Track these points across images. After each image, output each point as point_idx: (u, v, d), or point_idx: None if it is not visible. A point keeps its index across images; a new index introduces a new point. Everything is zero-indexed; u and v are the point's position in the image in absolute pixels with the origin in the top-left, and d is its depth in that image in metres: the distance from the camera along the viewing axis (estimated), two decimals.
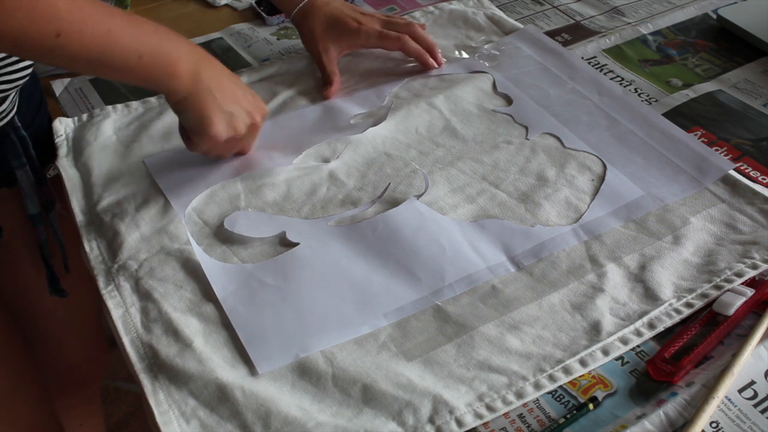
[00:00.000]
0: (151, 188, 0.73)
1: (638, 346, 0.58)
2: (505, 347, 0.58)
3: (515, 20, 0.98)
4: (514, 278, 0.63)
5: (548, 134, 0.78)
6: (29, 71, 0.75)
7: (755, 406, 0.53)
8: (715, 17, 0.96)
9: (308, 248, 0.66)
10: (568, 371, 0.56)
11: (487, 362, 0.57)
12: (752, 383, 0.54)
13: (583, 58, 0.91)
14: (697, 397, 0.53)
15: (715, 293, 0.60)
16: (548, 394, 0.55)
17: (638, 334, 0.58)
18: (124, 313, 0.61)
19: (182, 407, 0.55)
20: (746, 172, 0.73)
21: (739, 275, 0.62)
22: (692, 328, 0.58)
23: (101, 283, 0.64)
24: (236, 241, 0.68)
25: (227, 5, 1.08)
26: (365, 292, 0.63)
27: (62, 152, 0.79)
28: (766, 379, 0.55)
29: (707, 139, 0.77)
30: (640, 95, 0.85)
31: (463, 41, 0.94)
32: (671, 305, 0.60)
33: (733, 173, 0.71)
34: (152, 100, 0.85)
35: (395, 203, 0.70)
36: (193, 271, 0.65)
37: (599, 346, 0.57)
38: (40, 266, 0.85)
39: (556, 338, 0.58)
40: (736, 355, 0.55)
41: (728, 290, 0.60)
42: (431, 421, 0.53)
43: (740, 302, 0.59)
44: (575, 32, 0.97)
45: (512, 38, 0.93)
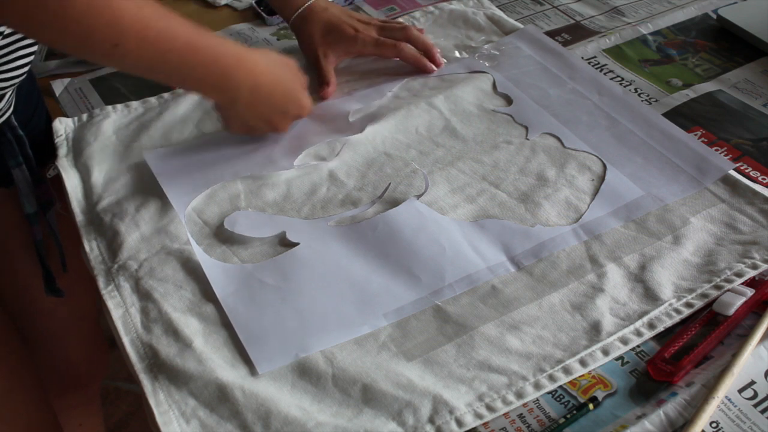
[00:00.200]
0: (151, 188, 0.73)
1: (638, 346, 0.58)
2: (505, 347, 0.58)
3: (515, 20, 0.98)
4: (514, 278, 0.63)
5: (548, 134, 0.78)
6: (26, 69, 0.75)
7: (755, 406, 0.53)
8: (715, 17, 0.96)
9: (308, 248, 0.66)
10: (568, 371, 0.56)
11: (487, 362, 0.57)
12: (752, 383, 0.54)
13: (583, 58, 0.91)
14: (697, 397, 0.53)
15: (715, 293, 0.60)
16: (548, 394, 0.55)
17: (638, 334, 0.58)
18: (124, 313, 0.61)
19: (182, 407, 0.55)
20: (746, 172, 0.73)
21: (739, 275, 0.62)
22: (692, 328, 0.58)
23: (101, 283, 0.64)
24: (236, 241, 0.68)
25: (227, 5, 1.08)
26: (365, 292, 0.63)
27: (62, 152, 0.79)
28: (766, 379, 0.55)
29: (707, 139, 0.77)
30: (640, 95, 0.85)
31: (463, 41, 0.94)
32: (671, 305, 0.60)
33: (733, 173, 0.71)
34: (152, 100, 0.85)
35: (395, 203, 0.70)
36: (193, 271, 0.65)
37: (599, 346, 0.57)
38: (38, 266, 0.85)
39: (556, 338, 0.58)
40: (736, 355, 0.55)
41: (728, 290, 0.60)
42: (431, 421, 0.53)
43: (740, 302, 0.59)
44: (575, 32, 0.97)
45: (512, 38, 0.93)
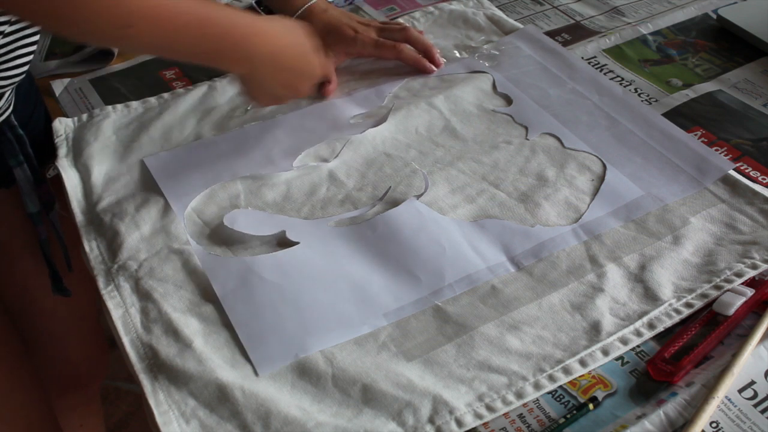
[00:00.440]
0: (150, 188, 0.73)
1: (638, 346, 0.58)
2: (505, 347, 0.58)
3: (515, 20, 0.98)
4: (514, 278, 0.63)
5: (548, 134, 0.78)
6: (25, 69, 0.75)
7: (755, 406, 0.53)
8: (715, 17, 0.96)
9: (308, 248, 0.66)
10: (568, 371, 0.56)
11: (487, 362, 0.57)
12: (752, 383, 0.54)
13: (583, 58, 0.91)
14: (697, 397, 0.53)
15: (715, 293, 0.60)
16: (548, 394, 0.55)
17: (638, 334, 0.58)
18: (124, 313, 0.61)
19: (182, 407, 0.55)
20: (746, 172, 0.73)
21: (739, 275, 0.62)
22: (692, 328, 0.58)
23: (101, 283, 0.64)
24: (236, 240, 0.68)
25: (227, 5, 1.08)
26: (365, 292, 0.63)
27: (62, 152, 0.78)
28: (766, 379, 0.55)
29: (707, 139, 0.77)
30: (640, 95, 0.85)
31: (463, 41, 0.94)
32: (671, 305, 0.60)
33: (733, 173, 0.71)
34: (152, 100, 0.85)
35: (395, 203, 0.70)
36: (193, 271, 0.65)
37: (599, 346, 0.57)
38: (39, 266, 0.85)
39: (556, 338, 0.58)
40: (736, 355, 0.55)
41: (728, 290, 0.60)
42: (431, 421, 0.53)
43: (740, 302, 0.59)
44: (575, 32, 0.97)
45: (512, 38, 0.93)
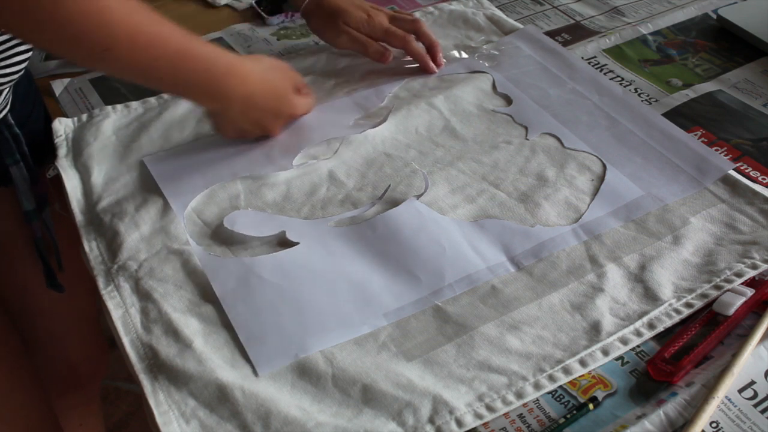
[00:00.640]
0: (150, 188, 0.73)
1: (638, 346, 0.58)
2: (505, 347, 0.58)
3: (515, 20, 0.98)
4: (514, 278, 0.63)
5: (548, 134, 0.78)
6: (23, 66, 0.75)
7: (755, 406, 0.53)
8: (715, 17, 0.96)
9: (308, 248, 0.66)
10: (568, 371, 0.56)
11: (487, 362, 0.57)
12: (752, 383, 0.54)
13: (583, 58, 0.91)
14: (697, 397, 0.53)
15: (715, 293, 0.60)
16: (548, 394, 0.55)
17: (638, 334, 0.58)
18: (123, 313, 0.61)
19: (182, 407, 0.55)
20: (746, 172, 0.73)
21: (739, 275, 0.62)
22: (692, 328, 0.58)
23: (101, 283, 0.64)
24: (236, 240, 0.68)
25: (227, 5, 1.08)
26: (365, 292, 0.63)
27: (62, 152, 0.78)
28: (766, 379, 0.55)
29: (707, 139, 0.77)
30: (640, 95, 0.85)
31: (462, 41, 0.94)
32: (671, 305, 0.60)
33: (733, 173, 0.71)
34: (152, 100, 0.85)
35: (395, 203, 0.70)
36: (192, 271, 0.65)
37: (599, 346, 0.57)
38: (39, 266, 0.85)
39: (556, 338, 0.58)
40: (736, 355, 0.55)
41: (728, 290, 0.60)
42: (431, 421, 0.53)
43: (740, 302, 0.59)
44: (575, 32, 0.97)
45: (512, 38, 0.93)
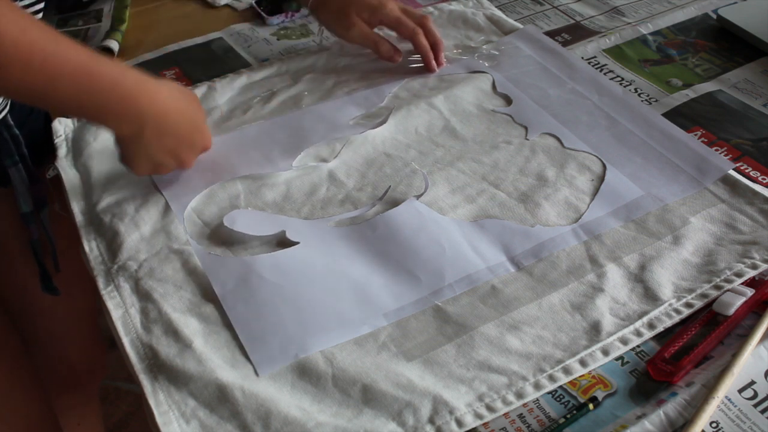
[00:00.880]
0: (150, 189, 0.73)
1: (638, 346, 0.58)
2: (505, 347, 0.58)
3: (515, 20, 0.98)
4: (514, 278, 0.63)
5: (548, 134, 0.78)
6: None
7: (755, 406, 0.53)
8: (715, 17, 0.96)
9: (308, 248, 0.66)
10: (568, 371, 0.56)
11: (487, 362, 0.57)
12: (752, 383, 0.54)
13: (583, 58, 0.91)
14: (697, 397, 0.53)
15: (715, 293, 0.60)
16: (548, 394, 0.55)
17: (638, 334, 0.58)
18: (123, 313, 0.61)
19: (182, 408, 0.55)
20: (746, 172, 0.73)
21: (738, 275, 0.62)
22: (692, 328, 0.58)
23: (101, 283, 0.64)
24: (236, 240, 0.68)
25: (227, 5, 1.08)
26: (365, 292, 0.63)
27: (62, 153, 0.79)
28: (766, 379, 0.55)
29: (707, 139, 0.77)
30: (640, 95, 0.85)
31: (462, 41, 0.94)
32: (671, 305, 0.60)
33: (733, 173, 0.71)
34: None
35: (395, 203, 0.70)
36: (192, 271, 0.65)
37: (599, 346, 0.57)
38: (36, 266, 0.85)
39: (556, 338, 0.58)
40: (736, 355, 0.55)
41: (728, 290, 0.60)
42: (431, 421, 0.53)
43: (740, 302, 0.59)
44: (575, 32, 0.97)
45: (512, 38, 0.93)
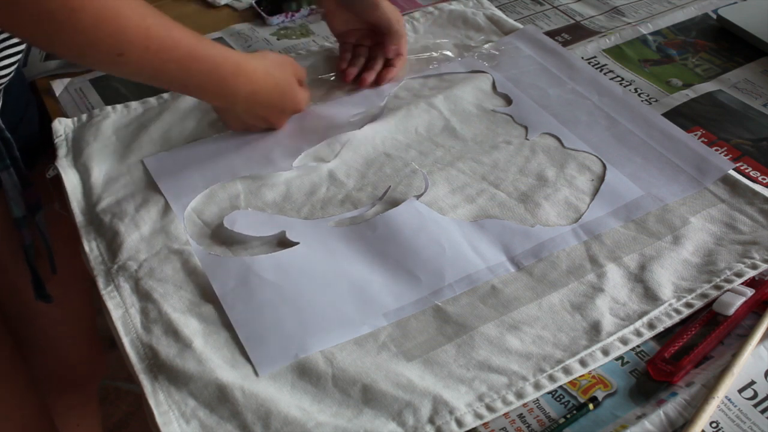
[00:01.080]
0: (150, 189, 0.73)
1: (638, 346, 0.58)
2: (505, 347, 0.58)
3: (515, 20, 0.98)
4: (514, 278, 0.63)
5: (548, 134, 0.78)
6: (12, 69, 0.74)
7: (755, 406, 0.53)
8: (715, 17, 0.96)
9: (308, 248, 0.66)
10: (568, 371, 0.56)
11: (487, 362, 0.57)
12: (752, 383, 0.54)
13: (583, 58, 0.91)
14: (697, 397, 0.53)
15: (714, 293, 0.60)
16: (548, 394, 0.55)
17: (638, 334, 0.58)
18: (123, 313, 0.61)
19: (182, 408, 0.55)
20: (746, 172, 0.73)
21: (738, 275, 0.62)
22: (692, 328, 0.58)
23: (101, 283, 0.64)
24: (236, 240, 0.68)
25: (227, 5, 1.08)
26: (365, 292, 0.63)
27: (62, 152, 0.78)
28: (766, 379, 0.55)
29: (707, 139, 0.77)
30: (640, 95, 0.85)
31: (462, 41, 0.94)
32: (671, 305, 0.60)
33: (733, 173, 0.71)
34: (151, 100, 0.85)
35: (395, 203, 0.70)
36: (192, 271, 0.65)
37: (599, 346, 0.57)
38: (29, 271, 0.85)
39: (556, 338, 0.58)
40: (736, 355, 0.55)
41: (728, 290, 0.60)
42: (431, 421, 0.53)
43: (740, 302, 0.59)
44: (575, 32, 0.97)
45: (512, 38, 0.93)
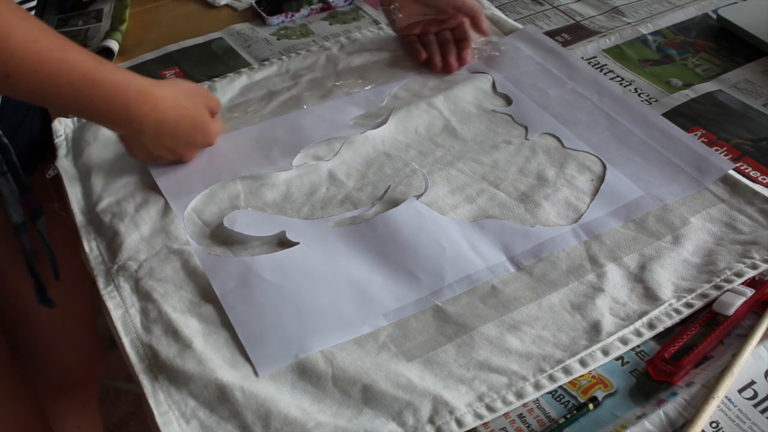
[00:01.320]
0: (150, 188, 0.73)
1: (638, 346, 0.58)
2: (505, 347, 0.58)
3: (515, 20, 0.98)
4: (513, 278, 0.63)
5: (548, 134, 0.78)
6: None
7: (755, 406, 0.53)
8: (715, 17, 0.96)
9: (308, 248, 0.66)
10: (568, 371, 0.56)
11: (487, 362, 0.57)
12: (752, 383, 0.54)
13: (583, 58, 0.91)
14: (697, 397, 0.53)
15: (714, 293, 0.60)
16: (548, 394, 0.55)
17: (638, 334, 0.58)
18: (123, 313, 0.61)
19: (182, 408, 0.55)
20: (746, 172, 0.73)
21: (738, 275, 0.62)
22: (692, 328, 0.58)
23: (101, 283, 0.64)
24: (236, 240, 0.68)
25: (227, 5, 1.08)
26: (365, 292, 0.63)
27: (62, 152, 0.79)
28: (766, 379, 0.55)
29: (707, 139, 0.77)
30: (640, 95, 0.85)
31: None
32: (671, 305, 0.60)
33: (732, 173, 0.71)
34: None
35: (395, 203, 0.70)
36: (192, 271, 0.65)
37: (599, 346, 0.57)
38: (29, 275, 0.84)
39: (556, 338, 0.58)
40: (736, 355, 0.55)
41: (728, 290, 0.60)
42: (431, 421, 0.53)
43: (740, 302, 0.59)
44: (575, 32, 0.97)
45: (512, 38, 0.93)
